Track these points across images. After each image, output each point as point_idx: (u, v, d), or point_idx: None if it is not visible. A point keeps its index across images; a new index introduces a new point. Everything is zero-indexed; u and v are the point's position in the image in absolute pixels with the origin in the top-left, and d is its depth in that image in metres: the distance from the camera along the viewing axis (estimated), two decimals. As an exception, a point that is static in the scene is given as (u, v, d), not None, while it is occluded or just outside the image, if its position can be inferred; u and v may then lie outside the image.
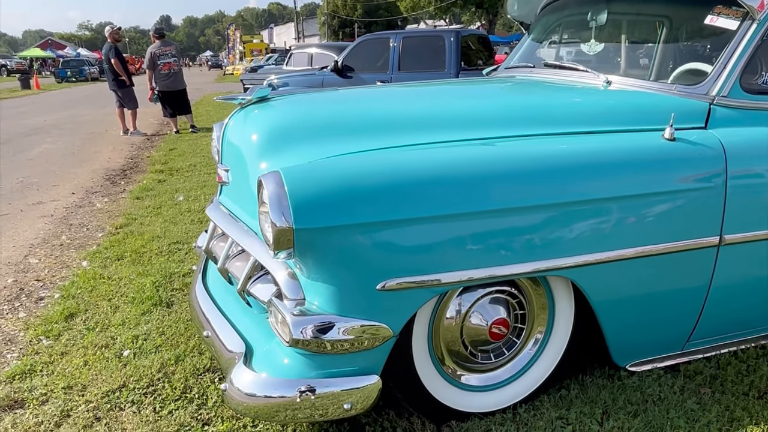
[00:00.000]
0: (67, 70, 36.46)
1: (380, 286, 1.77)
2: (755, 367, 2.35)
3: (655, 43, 2.77)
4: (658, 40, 2.76)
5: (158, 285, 3.41)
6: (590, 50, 2.87)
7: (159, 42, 10.05)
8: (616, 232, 1.99)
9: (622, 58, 2.84)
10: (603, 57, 2.83)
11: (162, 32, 10.36)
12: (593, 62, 2.85)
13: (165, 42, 10.13)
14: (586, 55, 2.89)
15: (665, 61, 2.66)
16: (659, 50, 2.73)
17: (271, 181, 1.73)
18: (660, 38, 2.76)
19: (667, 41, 2.73)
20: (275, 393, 1.85)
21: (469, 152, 1.94)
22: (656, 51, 2.75)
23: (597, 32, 2.85)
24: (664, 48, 2.72)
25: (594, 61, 2.85)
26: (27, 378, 2.55)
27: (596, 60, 2.84)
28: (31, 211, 5.49)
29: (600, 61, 2.83)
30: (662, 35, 2.76)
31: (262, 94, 2.39)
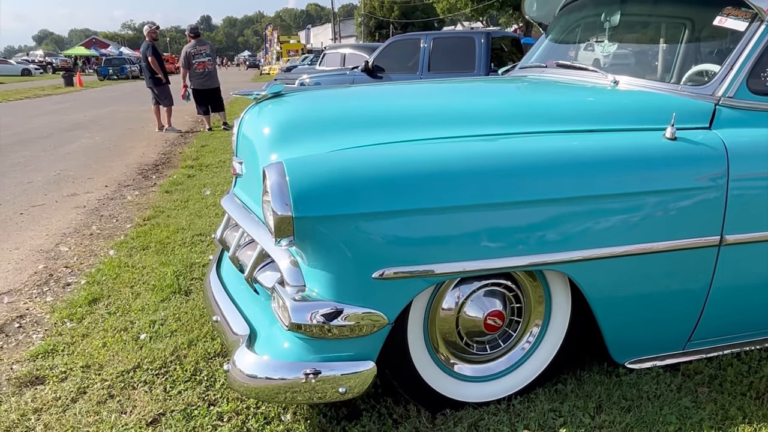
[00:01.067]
0: (109, 68, 37.43)
1: (376, 274, 1.83)
2: (757, 368, 2.34)
3: (664, 44, 2.78)
4: (667, 41, 2.77)
5: (179, 274, 3.53)
6: (604, 51, 2.89)
7: (194, 41, 10.28)
8: (612, 229, 2.01)
9: (633, 58, 2.84)
10: (615, 57, 2.85)
11: (197, 32, 10.59)
12: (606, 62, 2.87)
13: (200, 41, 10.36)
14: (600, 55, 2.90)
15: (674, 61, 2.66)
16: (668, 51, 2.74)
17: (273, 171, 1.81)
18: (669, 39, 2.76)
19: (676, 42, 2.73)
20: (275, 375, 1.93)
21: (467, 147, 2.00)
22: (665, 52, 2.75)
23: (610, 33, 2.87)
24: (673, 49, 2.72)
25: (607, 62, 2.87)
26: (49, 357, 2.69)
27: (609, 60, 2.85)
28: (66, 202, 5.72)
29: (612, 61, 2.84)
30: (671, 36, 2.76)
31: (275, 89, 2.48)
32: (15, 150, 8.87)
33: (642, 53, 2.84)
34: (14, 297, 3.46)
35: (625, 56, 2.84)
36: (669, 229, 2.07)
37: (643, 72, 2.63)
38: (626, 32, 2.86)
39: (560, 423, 2.03)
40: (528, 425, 2.02)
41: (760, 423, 2.02)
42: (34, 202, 5.71)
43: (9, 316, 3.18)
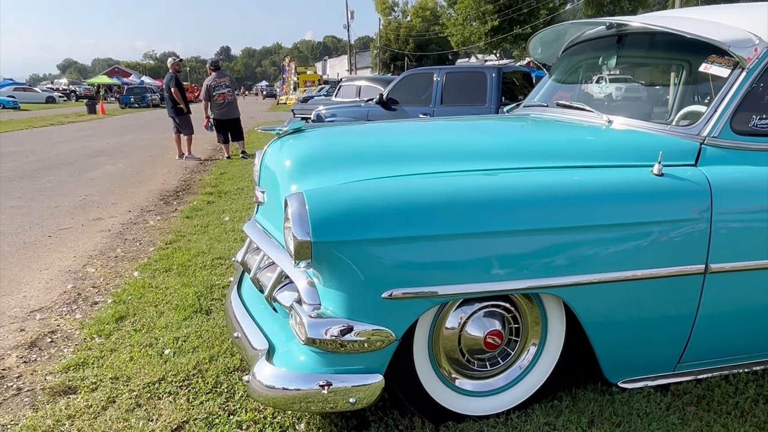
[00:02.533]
0: (131, 97, 38.37)
1: (385, 294, 2.02)
2: (743, 389, 2.48)
3: (656, 87, 2.98)
4: (658, 83, 2.97)
5: (200, 295, 3.74)
6: (601, 91, 3.10)
7: (214, 74, 10.70)
8: (603, 257, 2.19)
9: (627, 99, 3.04)
10: (611, 98, 3.05)
11: (217, 65, 11.02)
12: (604, 102, 3.07)
13: (220, 74, 10.77)
14: (598, 95, 3.11)
15: (663, 103, 2.86)
16: (659, 93, 2.94)
17: (295, 201, 2.03)
18: (660, 82, 2.96)
19: (666, 85, 2.94)
20: (292, 386, 2.11)
21: (471, 180, 2.20)
22: (657, 93, 2.95)
23: (607, 75, 3.08)
24: (663, 91, 2.92)
25: (604, 102, 3.07)
26: (80, 369, 2.89)
27: (606, 100, 3.06)
28: (91, 225, 5.98)
29: (609, 102, 3.05)
30: (662, 79, 2.96)
31: (296, 126, 2.71)
32: (42, 175, 9.22)
33: (635, 94, 3.04)
34: (46, 314, 3.68)
35: (620, 97, 3.05)
36: (656, 257, 2.24)
37: (636, 112, 2.82)
38: (621, 75, 3.08)
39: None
40: (524, 437, 2.18)
41: (741, 439, 2.16)
42: (62, 225, 5.98)
43: (41, 332, 3.39)
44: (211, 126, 10.76)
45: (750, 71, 2.39)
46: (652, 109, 2.86)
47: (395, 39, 51.05)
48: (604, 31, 3.13)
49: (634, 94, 3.03)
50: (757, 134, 2.45)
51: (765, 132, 2.46)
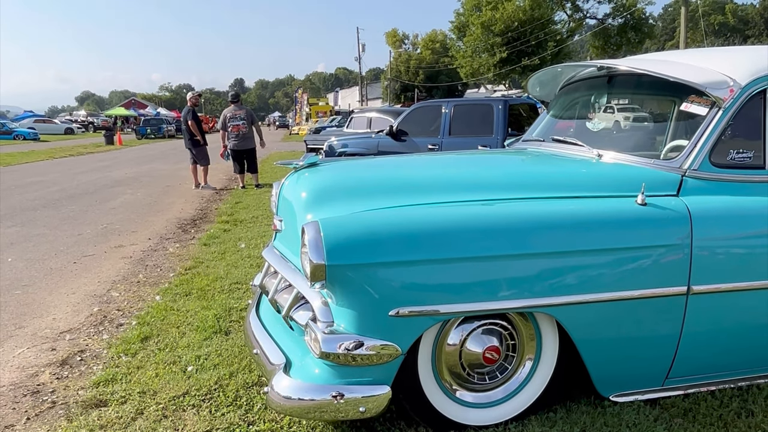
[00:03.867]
0: (147, 128, 39.18)
1: (392, 312, 2.24)
2: (728, 403, 2.66)
3: (642, 123, 3.21)
4: (644, 120, 3.21)
5: (219, 317, 3.97)
6: (594, 127, 3.34)
7: (233, 106, 11.14)
8: (592, 279, 2.40)
9: (616, 134, 3.28)
10: (602, 133, 3.29)
11: (235, 98, 11.44)
12: (596, 137, 3.31)
13: (238, 106, 11.18)
14: (590, 130, 3.35)
15: (649, 138, 3.09)
16: (645, 128, 3.17)
17: (311, 228, 2.27)
18: (646, 119, 3.20)
19: (651, 121, 3.17)
20: (307, 396, 2.32)
21: (470, 210, 2.44)
22: (642, 129, 3.19)
23: (599, 112, 3.33)
24: (648, 127, 3.16)
25: (596, 137, 3.31)
26: (109, 384, 3.11)
27: (598, 135, 3.30)
28: (114, 252, 6.26)
29: (600, 136, 3.28)
30: (648, 116, 3.20)
31: (311, 160, 2.97)
32: (64, 204, 9.57)
33: (623, 130, 3.28)
34: (75, 335, 3.92)
35: (609, 132, 3.29)
36: (641, 279, 2.45)
37: (624, 146, 3.04)
38: (611, 112, 3.32)
39: (548, 444, 2.37)
40: (520, 445, 2.37)
41: (721, 448, 2.34)
42: (86, 252, 6.26)
43: (72, 351, 3.63)
44: (227, 155, 11.15)
45: (726, 110, 2.63)
46: (639, 143, 3.08)
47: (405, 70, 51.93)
48: (595, 72, 3.39)
49: (622, 130, 3.27)
50: (735, 167, 2.68)
51: (742, 165, 2.68)
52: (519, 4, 38.49)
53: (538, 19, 37.97)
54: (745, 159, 2.69)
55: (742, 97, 2.63)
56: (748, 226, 2.59)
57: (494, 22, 38.10)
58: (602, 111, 3.33)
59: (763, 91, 2.65)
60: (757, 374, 2.82)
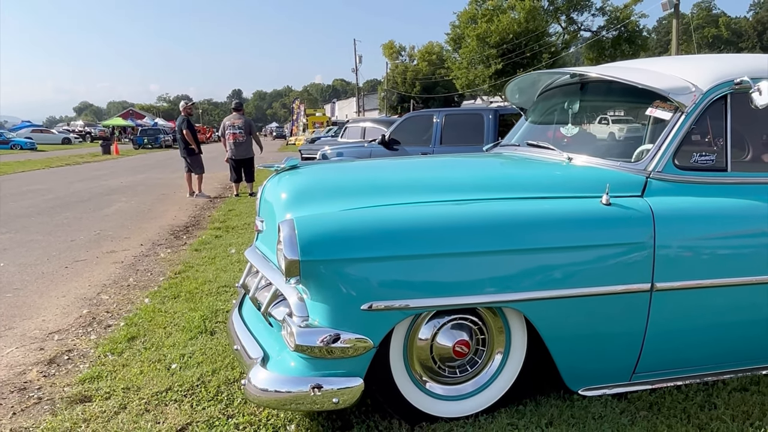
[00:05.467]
0: (144, 138, 39.30)
1: (364, 306, 2.33)
2: (693, 397, 2.75)
3: (610, 127, 3.33)
4: (612, 124, 3.32)
5: (205, 318, 4.05)
6: (567, 132, 3.45)
7: (234, 114, 11.34)
8: (558, 275, 2.50)
9: (586, 138, 3.39)
10: (575, 137, 3.40)
11: (237, 106, 11.61)
12: (569, 141, 3.42)
13: (238, 116, 11.34)
14: (563, 135, 3.47)
15: (617, 141, 3.20)
16: (613, 133, 3.29)
17: (286, 226, 2.37)
18: (614, 123, 3.32)
19: (619, 126, 3.29)
20: (283, 388, 2.40)
21: (440, 209, 2.53)
22: (611, 133, 3.30)
23: (572, 117, 3.44)
24: (616, 131, 3.27)
25: (569, 141, 3.42)
26: (95, 381, 3.19)
27: (570, 140, 3.41)
28: (105, 258, 6.34)
29: (572, 141, 3.39)
30: (616, 121, 3.32)
31: (292, 163, 3.07)
32: (59, 212, 9.66)
33: (593, 134, 3.40)
34: (63, 335, 4.00)
35: (581, 136, 3.39)
36: (606, 276, 2.54)
37: (593, 150, 3.15)
38: (583, 117, 3.43)
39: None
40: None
41: (681, 437, 2.43)
42: (78, 257, 6.34)
43: (59, 350, 3.71)
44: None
45: (688, 115, 2.74)
46: (607, 146, 3.20)
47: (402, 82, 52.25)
48: (569, 79, 3.51)
49: (592, 134, 3.38)
50: (698, 169, 2.78)
51: (704, 167, 2.79)
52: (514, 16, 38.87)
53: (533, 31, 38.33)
54: (708, 161, 2.80)
55: (703, 103, 2.74)
56: (710, 226, 2.69)
57: (489, 34, 38.43)
58: (575, 117, 3.44)
59: (725, 96, 2.77)
60: (722, 370, 2.91)
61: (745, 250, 2.75)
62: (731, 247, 2.72)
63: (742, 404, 2.70)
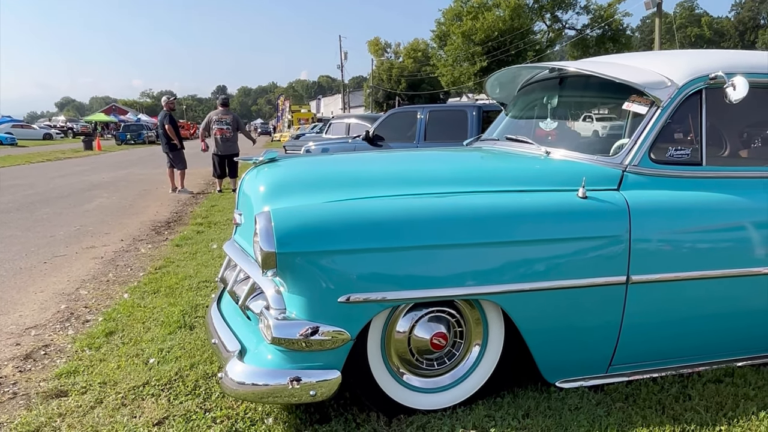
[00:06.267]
0: (127, 134, 38.94)
1: (342, 299, 2.33)
2: (668, 389, 2.78)
3: (588, 122, 3.35)
4: (590, 119, 3.34)
5: (185, 313, 4.03)
6: (546, 126, 3.47)
7: (221, 109, 11.26)
8: (534, 268, 2.52)
9: (564, 133, 3.41)
10: (553, 132, 3.42)
11: (225, 102, 11.57)
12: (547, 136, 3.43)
13: (225, 111, 11.28)
14: (543, 129, 3.48)
15: (595, 135, 3.23)
16: (591, 127, 3.31)
17: (262, 218, 2.36)
18: (591, 118, 3.34)
19: (595, 120, 3.31)
20: (260, 381, 2.40)
21: (418, 202, 2.54)
22: (588, 128, 3.33)
23: (551, 112, 3.46)
24: (592, 125, 3.30)
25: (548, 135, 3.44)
26: (71, 376, 3.16)
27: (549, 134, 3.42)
28: (85, 253, 6.27)
29: (551, 135, 3.41)
30: (592, 116, 3.34)
31: (270, 156, 3.06)
32: (38, 207, 9.54)
33: (571, 129, 3.42)
34: (40, 330, 3.95)
35: (559, 131, 3.41)
36: (582, 269, 2.56)
37: (571, 144, 3.17)
38: (562, 111, 3.45)
39: (492, 425, 2.47)
40: (465, 426, 2.46)
41: (655, 426, 2.46)
42: (57, 253, 6.27)
43: (36, 345, 3.67)
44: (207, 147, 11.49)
45: (664, 109, 2.77)
46: (585, 141, 3.22)
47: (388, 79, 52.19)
48: (548, 74, 3.53)
49: (570, 129, 3.41)
50: (673, 163, 2.81)
51: (679, 161, 2.82)
52: (499, 14, 38.99)
53: (518, 29, 38.48)
54: (683, 155, 2.83)
55: (679, 97, 2.77)
56: (685, 219, 2.72)
57: (475, 31, 38.52)
58: (554, 112, 3.45)
59: (700, 91, 2.80)
60: (697, 362, 2.95)
61: (719, 244, 2.78)
62: (705, 240, 2.76)
63: (716, 396, 2.74)
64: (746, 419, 2.55)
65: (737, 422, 2.53)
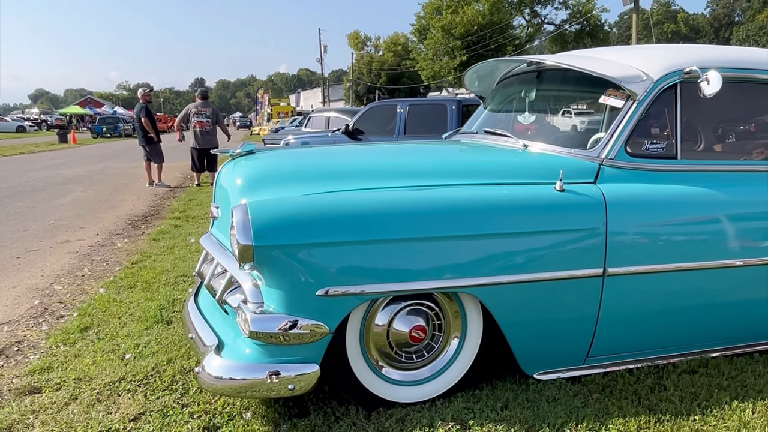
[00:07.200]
0: (103, 127, 38.23)
1: (320, 292, 2.32)
2: (644, 379, 2.82)
3: (566, 115, 3.37)
4: (567, 113, 3.37)
5: (162, 307, 3.98)
6: (524, 120, 3.48)
7: (200, 102, 11.07)
8: (512, 260, 2.53)
9: (542, 126, 3.43)
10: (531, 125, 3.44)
11: (205, 94, 11.42)
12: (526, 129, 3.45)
13: (204, 104, 11.11)
14: (521, 123, 3.50)
15: (572, 129, 3.25)
16: (566, 121, 3.33)
17: (239, 211, 2.34)
18: (569, 112, 3.36)
19: (573, 114, 3.34)
20: (238, 376, 2.38)
21: (396, 195, 2.53)
22: (566, 121, 3.35)
23: (529, 105, 3.47)
24: (570, 119, 3.32)
25: (526, 129, 3.45)
26: (45, 372, 3.11)
27: (527, 127, 3.44)
28: (60, 248, 6.17)
29: (529, 129, 3.43)
30: (570, 109, 3.36)
31: (248, 148, 3.03)
32: (12, 201, 9.36)
33: (549, 122, 3.44)
34: (13, 326, 3.88)
35: (537, 124, 3.43)
36: (559, 261, 2.58)
37: (549, 137, 3.20)
38: (540, 105, 3.47)
39: (471, 417, 2.49)
40: (444, 419, 2.47)
41: (631, 417, 2.50)
42: (30, 247, 6.16)
43: (8, 342, 3.60)
44: (183, 137, 11.37)
45: (640, 103, 2.79)
46: (563, 134, 3.24)
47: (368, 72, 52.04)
48: (526, 67, 3.54)
49: (548, 122, 3.43)
50: (649, 156, 2.84)
51: (655, 154, 2.85)
52: (478, 8, 39.07)
53: (497, 23, 38.61)
54: (659, 149, 2.86)
55: (654, 91, 2.80)
56: (660, 212, 2.75)
57: (454, 25, 38.56)
58: (532, 105, 3.47)
59: (675, 85, 2.83)
60: (673, 353, 2.99)
61: (693, 236, 2.82)
62: (680, 232, 2.79)
63: (690, 386, 2.78)
64: (719, 409, 2.59)
65: (710, 412, 2.57)
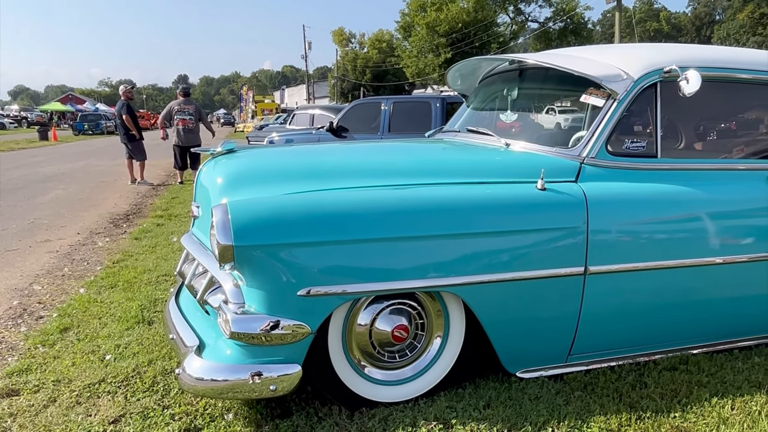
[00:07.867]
0: (84, 124, 37.79)
1: (301, 292, 2.31)
2: (625, 377, 2.84)
3: (547, 114, 3.38)
4: (549, 111, 3.37)
5: (143, 308, 3.94)
6: (507, 119, 3.49)
7: (182, 99, 11.00)
8: (494, 259, 2.53)
9: (524, 125, 3.44)
10: (513, 124, 3.44)
11: (187, 91, 11.35)
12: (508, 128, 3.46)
13: (187, 101, 11.03)
14: (503, 121, 3.50)
15: (554, 128, 3.26)
16: (549, 120, 3.34)
17: (219, 210, 2.31)
18: (550, 110, 3.37)
19: (554, 113, 3.35)
20: (220, 377, 2.36)
21: (377, 194, 2.52)
22: (547, 120, 3.36)
23: (512, 104, 3.48)
24: (552, 118, 3.33)
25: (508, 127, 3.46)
26: (23, 374, 3.06)
27: (509, 126, 3.45)
28: (39, 247, 6.08)
29: (511, 127, 3.43)
30: (551, 108, 3.37)
31: (228, 147, 3.00)
32: (-10, 200, 9.21)
33: (530, 121, 3.45)
34: (-10, 328, 3.82)
35: (519, 123, 3.44)
36: (540, 260, 2.59)
37: (530, 136, 3.20)
38: (522, 104, 3.48)
39: (454, 416, 2.49)
40: (427, 418, 2.47)
41: (612, 414, 2.52)
42: (9, 247, 6.07)
43: (-14, 344, 3.54)
44: (167, 135, 11.31)
45: (620, 102, 2.80)
46: (544, 133, 3.25)
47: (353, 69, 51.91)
48: (508, 66, 3.54)
49: (530, 121, 3.44)
50: (629, 155, 2.86)
51: (636, 153, 2.87)
52: (463, 5, 39.14)
53: (482, 21, 38.70)
54: (639, 148, 2.88)
55: (635, 90, 2.81)
56: (640, 210, 2.77)
57: (439, 23, 38.58)
58: (514, 104, 3.48)
59: (655, 84, 2.85)
60: (654, 350, 3.02)
61: (673, 234, 2.84)
62: (660, 231, 2.81)
63: (671, 383, 2.81)
64: (699, 405, 2.62)
65: (691, 409, 2.60)
